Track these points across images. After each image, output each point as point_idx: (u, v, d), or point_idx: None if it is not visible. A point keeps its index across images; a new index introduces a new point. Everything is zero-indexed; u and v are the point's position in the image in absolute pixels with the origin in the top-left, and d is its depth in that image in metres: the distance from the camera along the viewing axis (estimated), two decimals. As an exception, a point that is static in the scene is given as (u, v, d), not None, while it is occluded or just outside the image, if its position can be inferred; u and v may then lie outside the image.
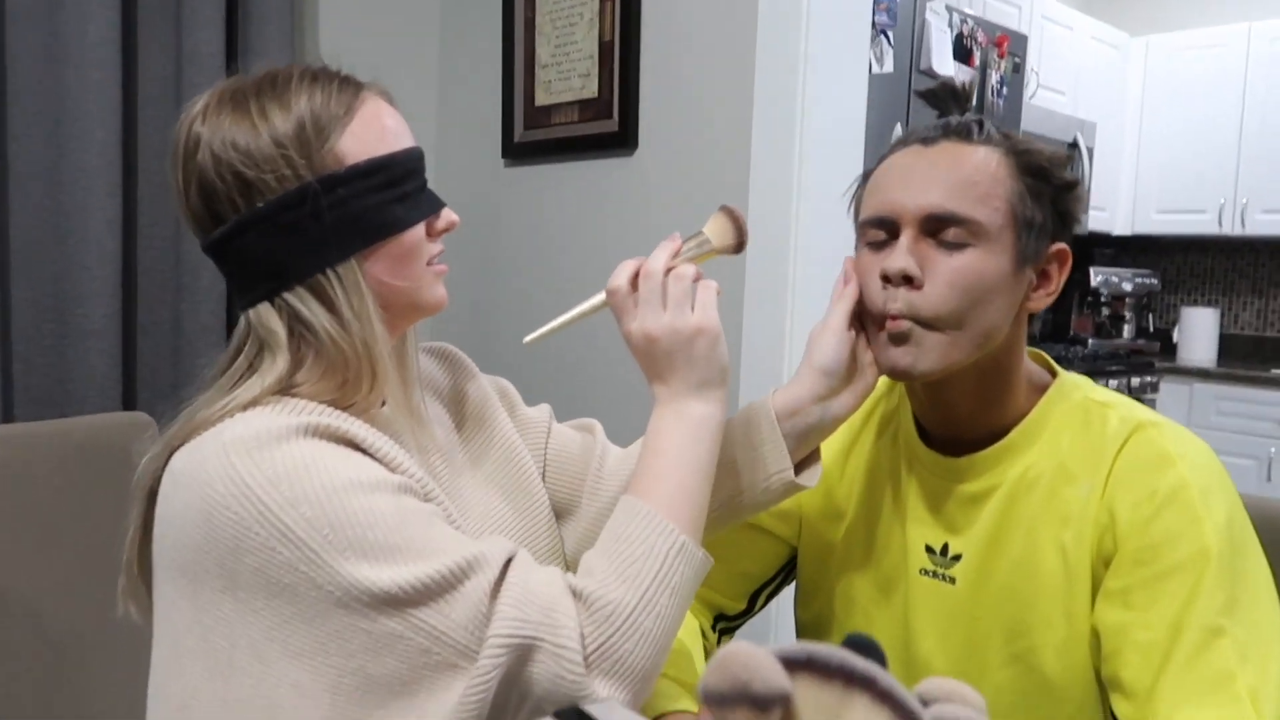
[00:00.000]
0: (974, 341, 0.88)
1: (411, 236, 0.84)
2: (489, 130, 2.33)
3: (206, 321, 1.90)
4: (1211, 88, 3.87)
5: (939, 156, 0.89)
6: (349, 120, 0.81)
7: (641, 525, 0.79)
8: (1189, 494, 0.84)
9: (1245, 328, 4.17)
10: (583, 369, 2.15)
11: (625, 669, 0.74)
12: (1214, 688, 0.78)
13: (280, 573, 0.70)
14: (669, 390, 0.86)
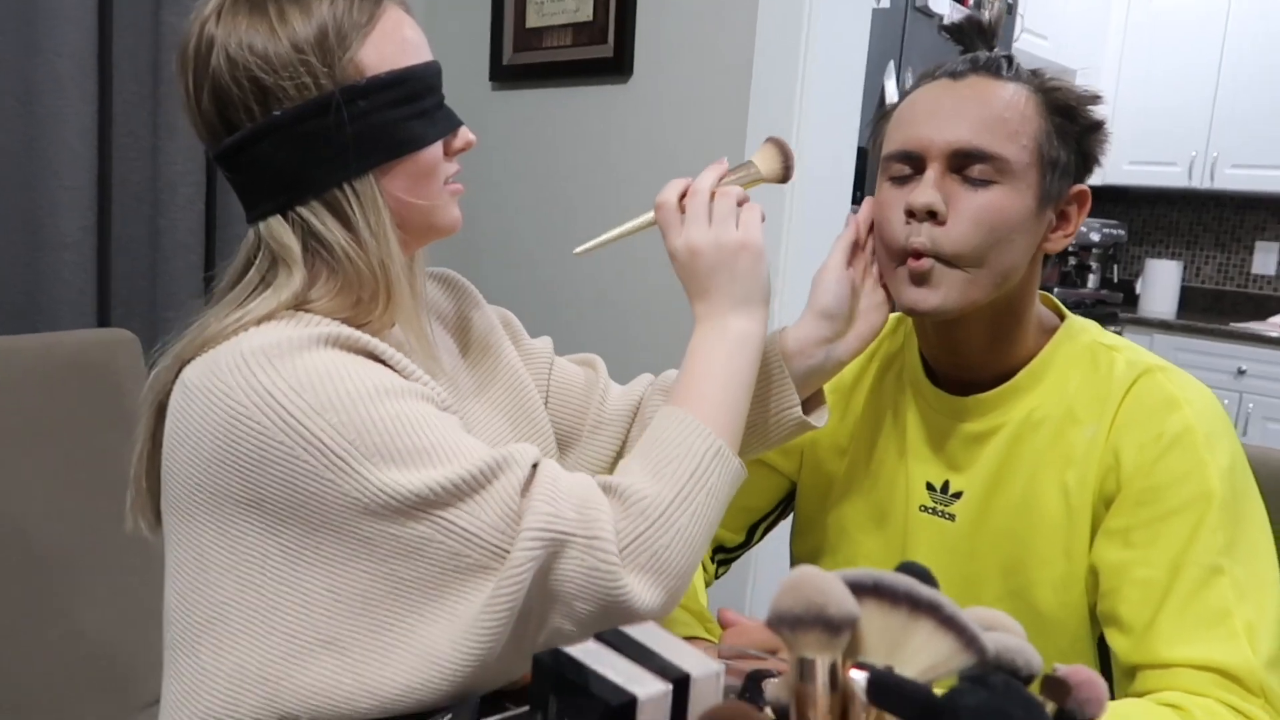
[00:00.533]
0: (993, 280, 0.88)
1: (430, 154, 0.82)
2: (476, 51, 2.26)
3: (185, 239, 1.84)
4: (1192, 40, 3.88)
5: (968, 91, 0.88)
6: (370, 30, 0.79)
7: (679, 429, 0.79)
8: (1194, 437, 0.85)
9: (1206, 281, 4.25)
10: (572, 306, 2.13)
11: (661, 564, 0.74)
12: (1211, 624, 0.81)
13: (306, 481, 0.69)
14: (709, 307, 0.86)
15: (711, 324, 0.85)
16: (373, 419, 0.70)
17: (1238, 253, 4.16)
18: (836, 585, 0.48)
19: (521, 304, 2.18)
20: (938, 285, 0.87)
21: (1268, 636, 0.81)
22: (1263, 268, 4.09)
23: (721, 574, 1.15)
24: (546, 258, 2.16)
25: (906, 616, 0.49)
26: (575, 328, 2.11)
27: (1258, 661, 0.79)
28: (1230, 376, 3.54)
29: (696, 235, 0.86)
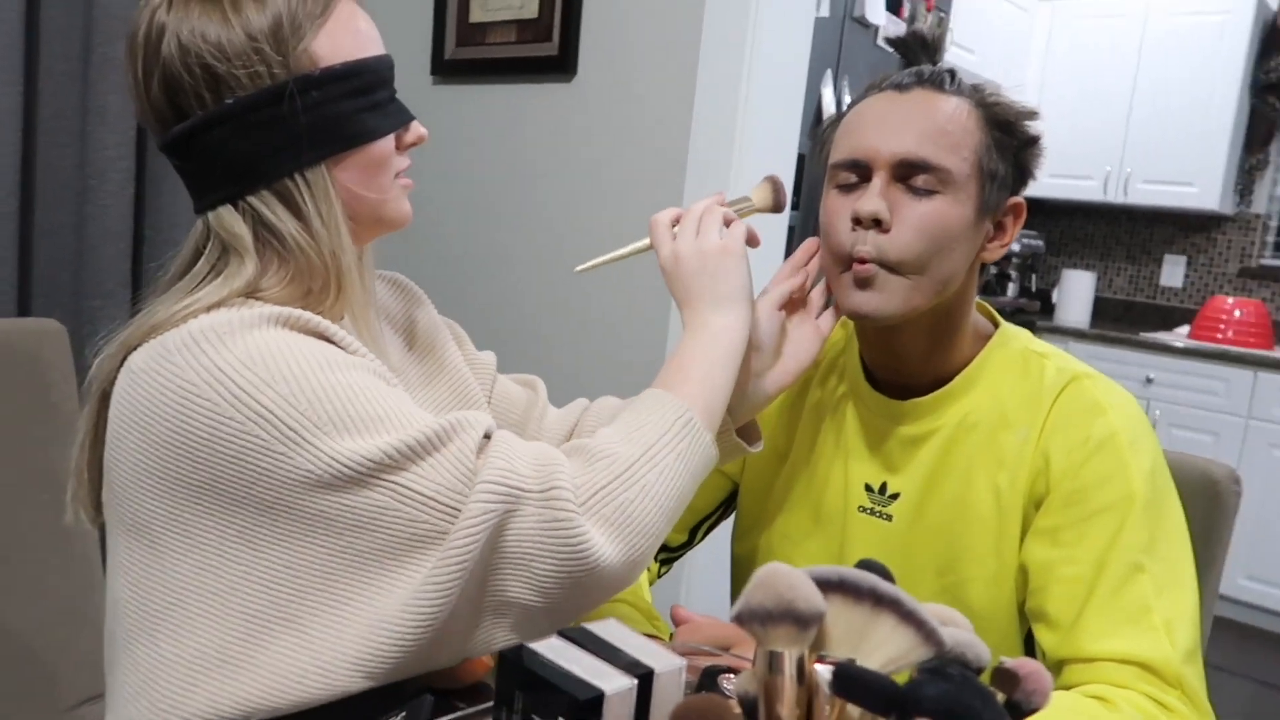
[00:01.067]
0: (934, 287, 0.91)
1: (382, 147, 0.82)
2: (418, 44, 2.24)
3: (114, 226, 1.78)
4: (1109, 57, 4.04)
5: (913, 104, 0.91)
6: (324, 20, 0.79)
7: (653, 400, 0.81)
8: (1118, 441, 0.90)
9: (1118, 292, 4.42)
10: (511, 304, 2.13)
11: (625, 518, 0.74)
12: (1133, 619, 0.85)
13: (259, 457, 0.69)
14: (692, 309, 0.89)
15: (694, 323, 0.88)
16: (323, 389, 0.70)
17: (1147, 265, 4.34)
18: (805, 581, 0.50)
19: (460, 300, 2.17)
20: (881, 290, 0.90)
21: (1184, 630, 0.85)
22: (1170, 280, 4.28)
23: (664, 573, 1.17)
24: (486, 255, 2.15)
25: (870, 611, 0.51)
26: (516, 326, 2.11)
27: (1175, 655, 0.83)
28: (1139, 385, 3.70)
29: (682, 244, 0.90)
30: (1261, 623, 3.53)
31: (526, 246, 2.07)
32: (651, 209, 1.88)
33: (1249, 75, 3.83)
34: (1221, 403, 3.56)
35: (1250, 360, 3.51)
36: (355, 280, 0.82)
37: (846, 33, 2.41)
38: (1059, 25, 4.15)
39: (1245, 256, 4.07)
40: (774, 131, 1.77)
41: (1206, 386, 3.59)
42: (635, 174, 1.88)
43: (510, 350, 2.11)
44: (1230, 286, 4.11)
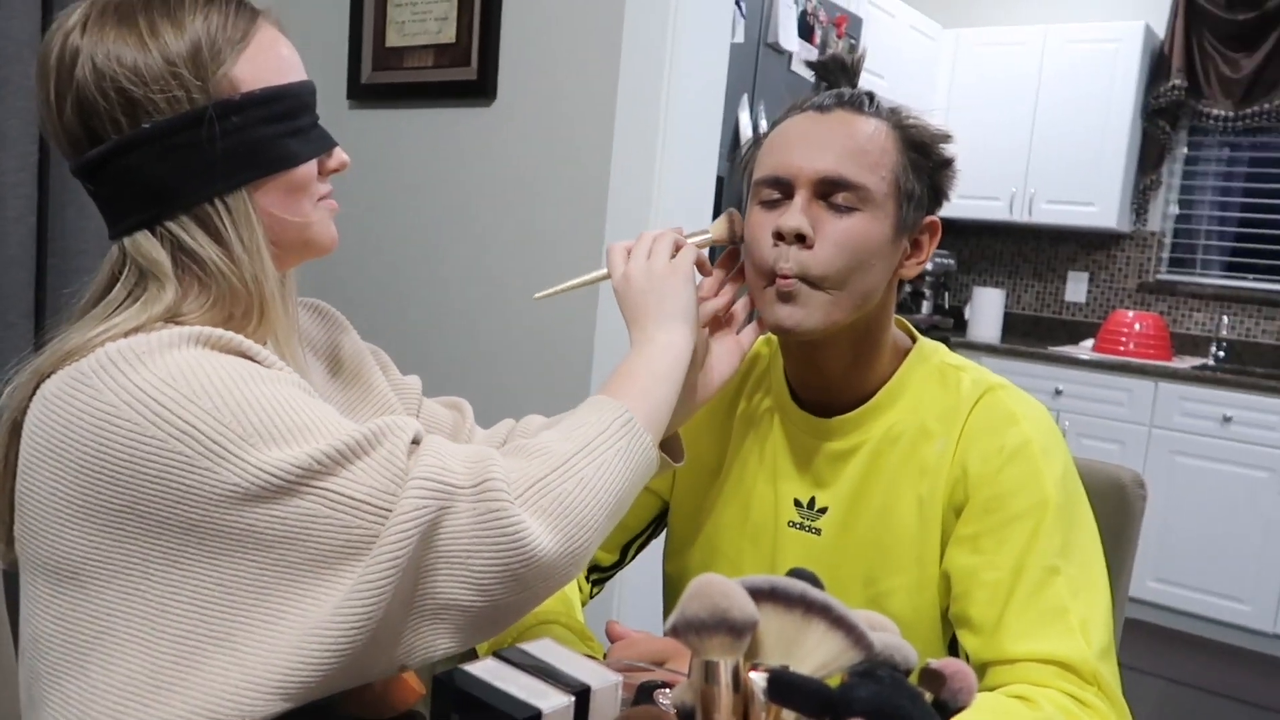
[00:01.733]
0: (854, 302, 0.94)
1: (304, 171, 0.82)
2: (334, 68, 2.22)
3: (15, 253, 1.72)
4: (1011, 82, 4.20)
5: (833, 124, 0.94)
6: (245, 46, 0.79)
7: (594, 403, 0.82)
8: (1031, 449, 0.93)
9: (1026, 308, 4.58)
10: (432, 327, 2.11)
11: (562, 509, 0.73)
12: (1051, 620, 0.88)
13: (183, 474, 0.67)
14: (638, 327, 0.91)
15: (639, 339, 0.90)
16: (246, 402, 0.69)
17: (1053, 282, 4.51)
18: (738, 591, 0.50)
19: (384, 324, 2.14)
20: (803, 305, 0.93)
21: (1099, 629, 0.89)
22: (1074, 296, 4.45)
23: (596, 593, 1.17)
24: (409, 279, 2.13)
25: (801, 618, 0.52)
26: (441, 348, 2.09)
27: (1091, 653, 0.86)
28: (1049, 396, 3.83)
29: (633, 266, 0.93)
30: (1169, 623, 3.67)
31: (450, 270, 2.06)
32: (574, 231, 1.90)
33: (1140, 100, 4.02)
34: (1126, 412, 3.70)
35: (1151, 371, 3.67)
36: (278, 305, 0.81)
37: (761, 58, 2.47)
38: (963, 52, 4.31)
39: (1143, 272, 4.26)
40: (693, 154, 1.80)
41: (1111, 397, 3.73)
42: (557, 196, 1.89)
43: (437, 371, 2.09)
44: (1130, 301, 4.29)
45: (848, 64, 1.02)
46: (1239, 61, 3.90)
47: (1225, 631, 3.57)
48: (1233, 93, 3.92)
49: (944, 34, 4.32)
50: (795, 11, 2.51)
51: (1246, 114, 3.89)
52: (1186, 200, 4.21)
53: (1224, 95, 3.94)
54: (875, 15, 3.75)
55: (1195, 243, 4.21)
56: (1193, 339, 4.12)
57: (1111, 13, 4.19)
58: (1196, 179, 4.19)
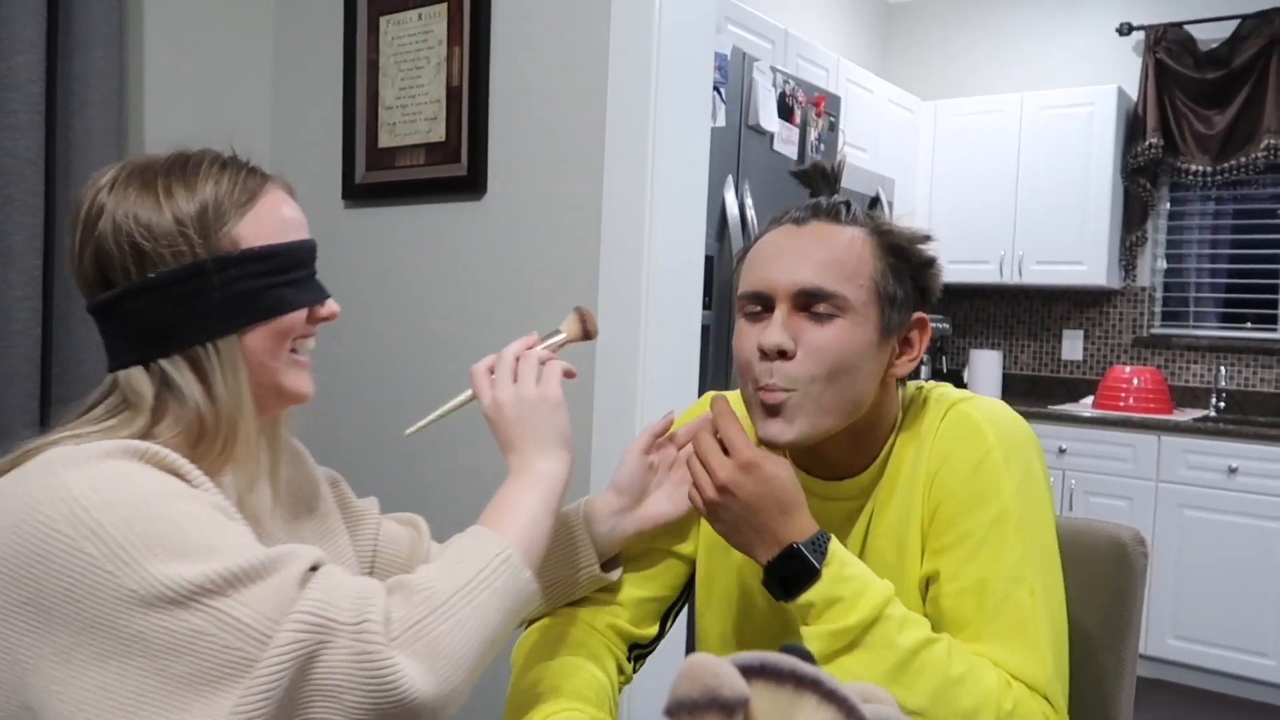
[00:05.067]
0: (843, 408, 0.96)
1: (290, 319, 0.90)
2: (328, 170, 2.28)
3: (20, 366, 1.75)
4: (991, 149, 4.29)
5: (810, 236, 0.98)
6: (250, 208, 0.89)
7: (474, 537, 0.86)
8: (993, 457, 0.96)
9: (1024, 368, 4.60)
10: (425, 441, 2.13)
11: (438, 650, 0.77)
12: (1012, 634, 0.92)
13: (85, 574, 0.71)
14: (517, 455, 0.95)
15: (519, 468, 0.94)
16: (160, 515, 0.74)
17: (1048, 341, 4.54)
18: (727, 669, 0.51)
19: (375, 418, 2.16)
20: (791, 419, 0.95)
21: (1057, 645, 0.93)
22: (1071, 354, 4.47)
23: (638, 669, 1.16)
24: (402, 371, 2.16)
25: (792, 693, 0.52)
26: (434, 443, 2.10)
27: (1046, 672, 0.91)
28: (1053, 456, 3.82)
29: (501, 393, 0.96)
30: (1193, 681, 3.60)
31: (445, 360, 2.09)
32: (564, 319, 1.91)
33: (1119, 160, 4.11)
34: (1131, 468, 3.69)
35: (1153, 425, 3.67)
36: (245, 443, 0.89)
37: (744, 139, 2.54)
38: (942, 122, 4.41)
39: (1137, 327, 4.29)
40: (680, 237, 1.84)
41: (1115, 453, 3.72)
42: (549, 284, 1.92)
43: (427, 467, 2.11)
44: (1126, 356, 4.31)
45: (828, 171, 1.05)
46: (1212, 118, 3.99)
47: (1251, 688, 3.50)
48: (1209, 148, 4.00)
49: (922, 106, 4.43)
50: (774, 94, 2.59)
51: (1224, 168, 3.96)
52: (1174, 255, 4.27)
53: (1201, 151, 4.02)
54: (854, 92, 3.86)
55: (1186, 295, 4.25)
56: (1192, 391, 4.13)
57: (1083, 78, 4.30)
58: (1182, 233, 4.26)
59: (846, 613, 0.88)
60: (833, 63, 3.74)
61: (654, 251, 1.78)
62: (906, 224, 1.01)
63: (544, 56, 1.92)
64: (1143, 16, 4.19)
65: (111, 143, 1.95)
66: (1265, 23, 3.84)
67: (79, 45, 1.91)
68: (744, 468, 0.92)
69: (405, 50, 2.10)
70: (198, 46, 2.30)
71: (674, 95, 1.80)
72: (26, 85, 1.77)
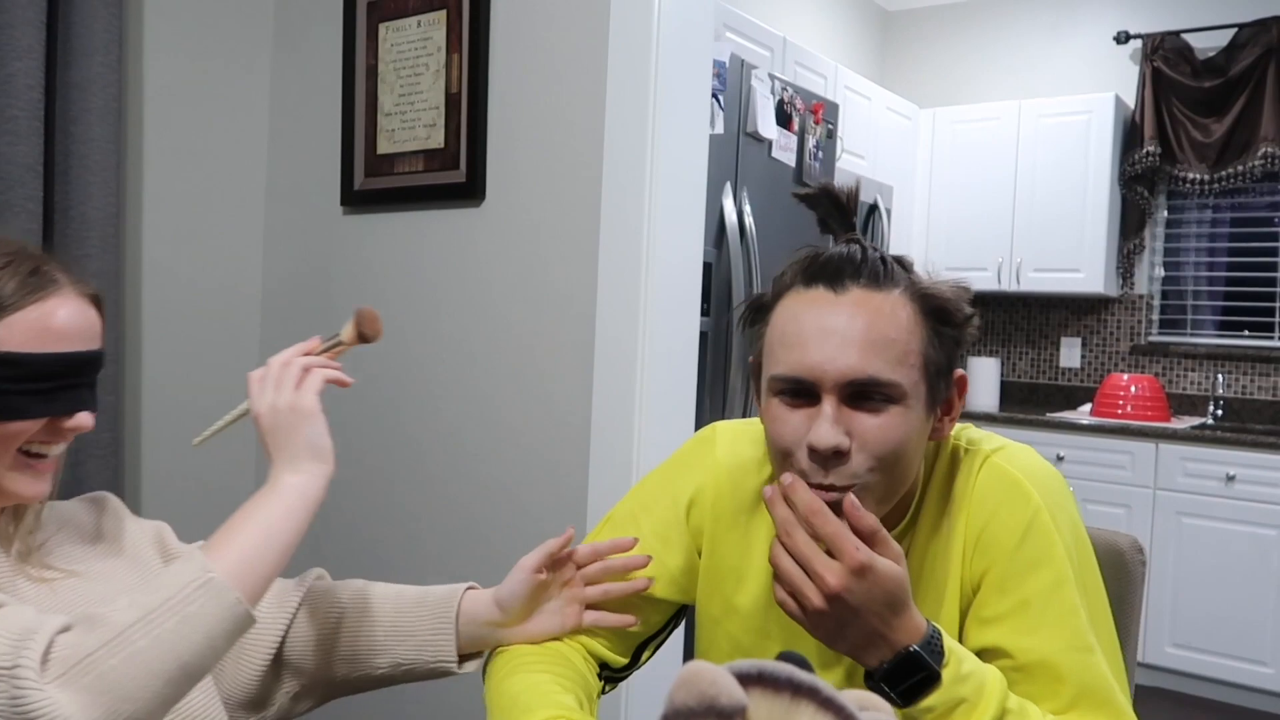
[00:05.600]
0: (894, 489, 0.91)
1: (16, 426, 0.90)
2: (327, 176, 2.28)
3: None
4: (989, 157, 4.30)
5: (851, 309, 0.87)
6: (14, 311, 0.89)
7: (181, 563, 0.85)
8: (1042, 520, 0.92)
9: (1022, 375, 4.60)
10: (425, 427, 2.12)
11: (105, 684, 0.76)
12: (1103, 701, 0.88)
13: None
14: (273, 466, 0.95)
15: (270, 481, 0.94)
16: None
17: (1046, 348, 4.54)
18: (725, 677, 0.51)
19: (379, 421, 2.16)
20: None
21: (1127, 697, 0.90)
22: (1069, 361, 4.48)
23: (608, 690, 1.14)
24: (400, 376, 2.16)
25: (789, 701, 0.52)
26: (428, 445, 2.10)
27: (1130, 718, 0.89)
28: (1051, 464, 3.81)
29: (259, 402, 0.97)
30: (1191, 689, 3.60)
31: (443, 365, 2.09)
32: (565, 324, 1.93)
33: (1117, 168, 4.12)
34: (1129, 475, 3.69)
35: (1151, 433, 3.67)
36: None
37: (742, 146, 2.54)
38: (941, 130, 4.42)
39: (1135, 335, 4.30)
40: (679, 244, 1.84)
41: (1113, 461, 3.73)
42: (548, 290, 1.92)
43: (430, 469, 2.10)
44: (1124, 364, 4.32)
45: (843, 201, 0.96)
46: (1209, 126, 4.00)
47: (1249, 696, 3.50)
48: (1206, 156, 4.01)
49: (921, 113, 4.44)
50: (772, 101, 2.59)
51: (1222, 176, 3.97)
52: (1172, 262, 4.27)
53: (1198, 159, 4.03)
54: (852, 99, 3.86)
55: (1184, 303, 4.26)
56: (1190, 399, 4.14)
57: (1081, 86, 4.32)
58: (1180, 241, 4.26)
59: (970, 713, 0.82)
60: (831, 70, 3.75)
61: (652, 258, 1.78)
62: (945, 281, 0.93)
63: (543, 63, 1.92)
64: (1140, 25, 4.20)
65: (110, 149, 1.96)
66: (1262, 31, 3.86)
67: (78, 52, 1.91)
68: (857, 572, 0.81)
69: (404, 57, 2.10)
70: (197, 53, 2.31)
71: (672, 102, 1.80)
72: (26, 91, 1.77)
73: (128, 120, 2.14)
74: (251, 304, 2.43)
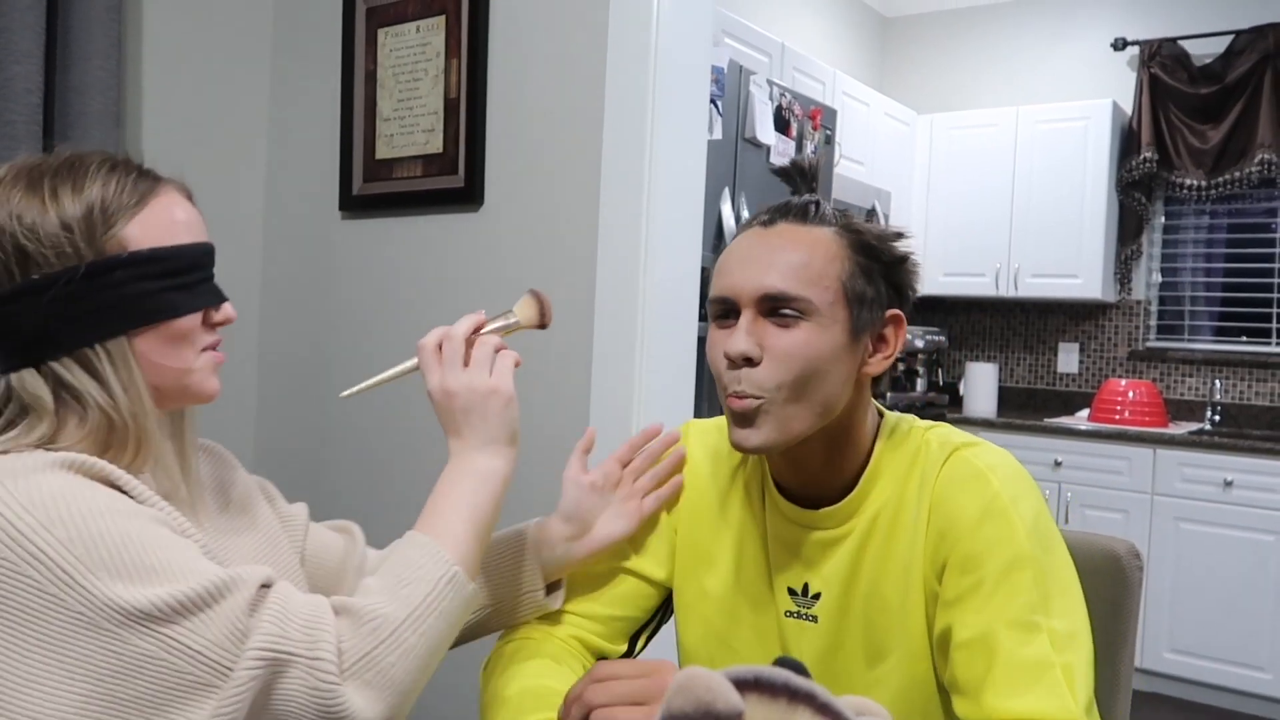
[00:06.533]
0: (814, 411, 0.95)
1: (184, 323, 0.89)
2: (325, 181, 2.28)
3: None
4: (987, 163, 4.31)
5: (776, 239, 0.96)
6: (139, 210, 0.87)
7: (419, 553, 0.85)
8: (1001, 503, 0.93)
9: (1020, 381, 4.61)
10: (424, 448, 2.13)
11: (385, 680, 0.78)
12: (1035, 677, 0.87)
13: (27, 597, 0.71)
14: (461, 444, 0.94)
15: (461, 460, 0.93)
16: (102, 535, 0.73)
17: (1044, 354, 4.55)
18: (722, 683, 0.51)
19: (376, 426, 2.16)
20: (760, 425, 0.94)
21: (1083, 682, 0.88)
22: (1066, 366, 4.48)
23: None
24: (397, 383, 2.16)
25: (786, 706, 0.52)
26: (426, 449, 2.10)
27: (1077, 708, 0.86)
28: (1049, 469, 3.82)
29: (451, 379, 0.94)
30: (1190, 695, 3.60)
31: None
32: (560, 330, 1.93)
33: (1114, 174, 4.13)
34: (1126, 481, 3.69)
35: (1148, 438, 3.67)
36: (155, 440, 0.88)
37: (740, 152, 2.54)
38: (939, 136, 4.43)
39: (1132, 340, 4.30)
40: (677, 249, 1.85)
41: (1111, 466, 3.73)
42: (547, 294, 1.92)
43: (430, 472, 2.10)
44: (1122, 369, 4.32)
45: (805, 168, 1.04)
46: (1206, 133, 4.01)
47: (1247, 701, 3.50)
48: (1203, 163, 4.02)
49: (918, 119, 4.45)
50: (770, 107, 2.60)
51: (1219, 182, 3.98)
52: (1169, 268, 4.28)
53: (1195, 166, 4.04)
54: (850, 105, 3.87)
55: (1181, 309, 4.26)
56: (1187, 404, 4.14)
57: (1078, 92, 4.33)
58: (1177, 247, 4.27)
59: None
60: (829, 76, 3.76)
61: (650, 263, 1.78)
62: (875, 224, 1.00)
63: (541, 69, 1.93)
64: (1137, 31, 4.21)
65: (109, 153, 1.96)
66: (1259, 38, 3.87)
67: (77, 56, 1.91)
68: None
69: (403, 62, 2.11)
70: (196, 58, 2.31)
71: (671, 108, 1.80)
72: (24, 96, 1.78)
73: (126, 125, 2.14)
74: (250, 309, 2.43)
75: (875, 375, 1.00)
